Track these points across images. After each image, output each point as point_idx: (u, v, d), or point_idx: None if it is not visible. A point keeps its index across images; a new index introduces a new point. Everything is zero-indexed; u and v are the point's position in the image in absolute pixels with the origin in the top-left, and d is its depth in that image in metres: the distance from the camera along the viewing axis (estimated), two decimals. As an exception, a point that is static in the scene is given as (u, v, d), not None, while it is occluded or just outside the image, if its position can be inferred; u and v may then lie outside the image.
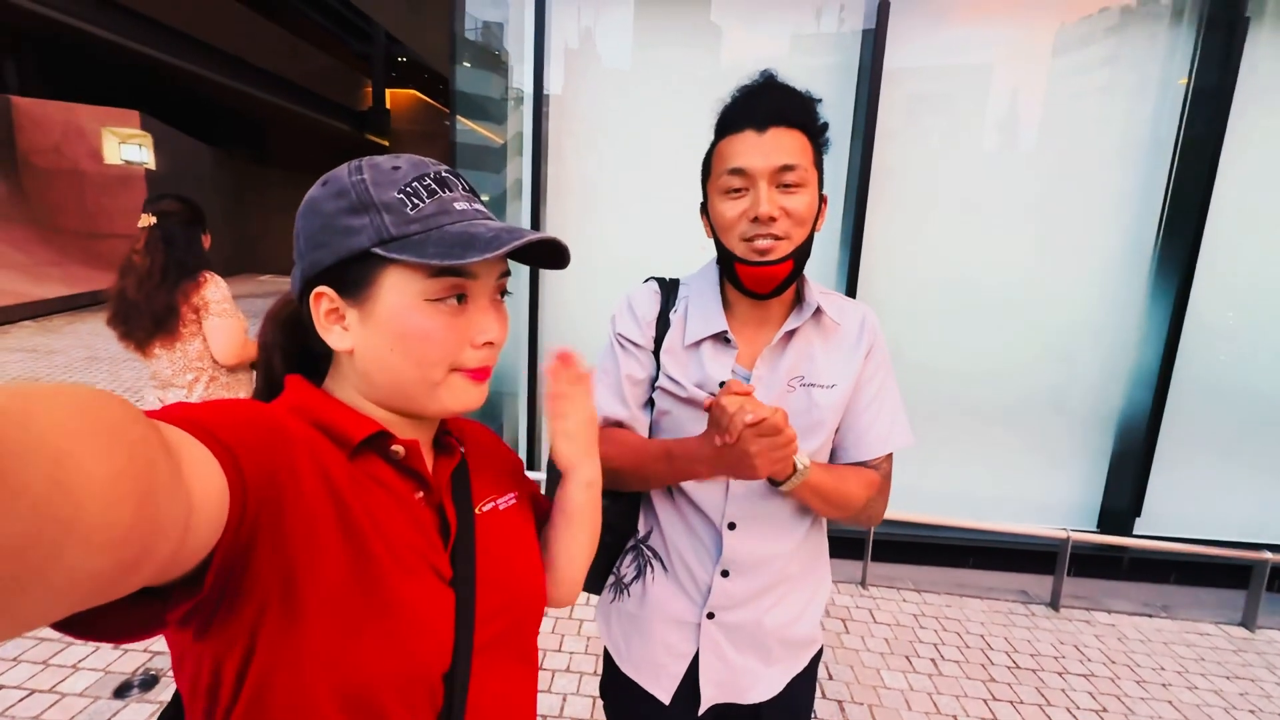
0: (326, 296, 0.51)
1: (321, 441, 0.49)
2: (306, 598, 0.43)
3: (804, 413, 0.87)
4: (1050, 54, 2.79)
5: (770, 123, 0.80)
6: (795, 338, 0.90)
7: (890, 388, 0.93)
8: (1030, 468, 3.06)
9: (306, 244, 0.51)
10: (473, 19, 3.24)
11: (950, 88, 2.87)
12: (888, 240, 2.91)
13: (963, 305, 2.96)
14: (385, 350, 0.51)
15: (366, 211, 0.49)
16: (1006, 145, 2.91)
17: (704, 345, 0.90)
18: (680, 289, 0.96)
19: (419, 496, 0.55)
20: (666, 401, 0.92)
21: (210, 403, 0.43)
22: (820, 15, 2.89)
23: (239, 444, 0.40)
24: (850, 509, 0.87)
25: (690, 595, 0.93)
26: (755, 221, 0.80)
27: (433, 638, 0.50)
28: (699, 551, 0.92)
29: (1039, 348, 2.96)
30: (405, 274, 0.50)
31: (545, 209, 3.04)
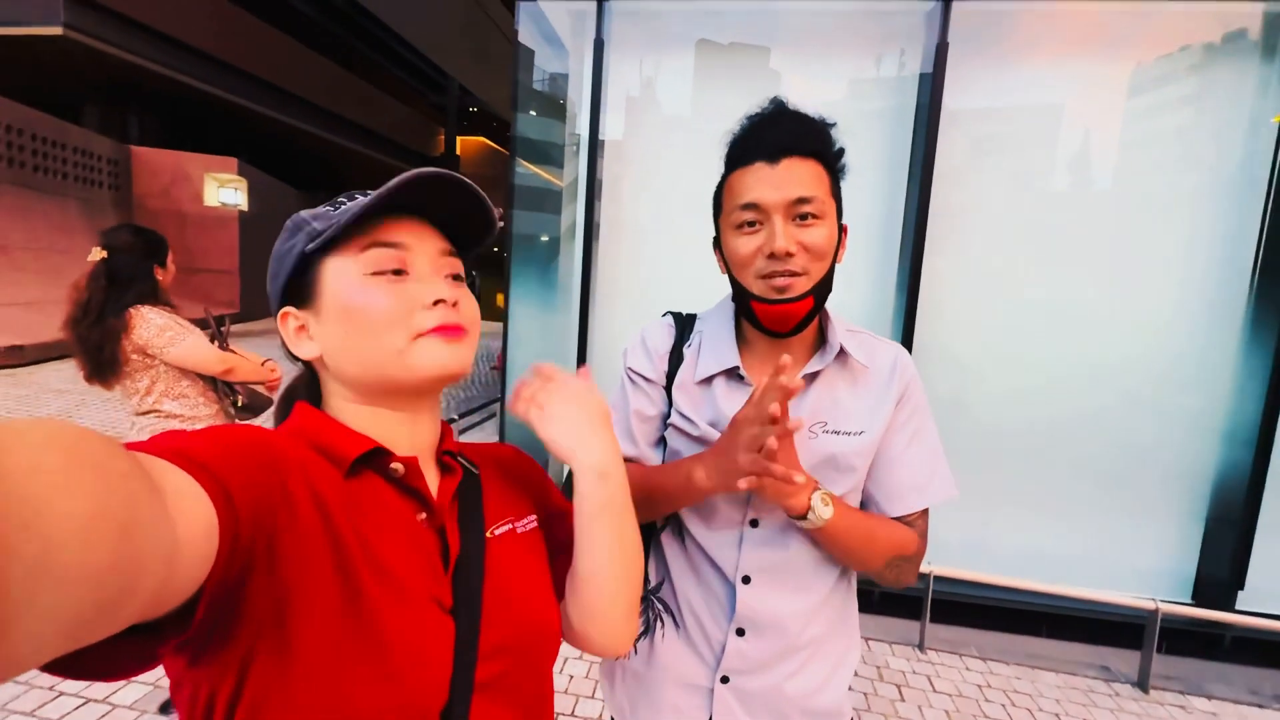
0: (291, 315, 0.55)
1: (318, 464, 0.49)
2: (298, 629, 0.42)
3: (827, 462, 0.81)
4: (1127, 93, 2.70)
5: (783, 153, 0.76)
6: (818, 381, 0.83)
7: (927, 435, 0.85)
8: (1113, 529, 2.81)
9: (270, 283, 0.57)
10: (540, 70, 3.41)
11: (1020, 129, 2.80)
12: (950, 285, 2.81)
13: (1034, 353, 2.80)
14: (341, 336, 0.53)
15: (300, 229, 0.54)
16: (1081, 186, 2.79)
17: (716, 382, 0.85)
18: (696, 324, 0.93)
19: (421, 519, 0.53)
20: (678, 441, 0.87)
21: (203, 431, 0.42)
22: (880, 60, 2.90)
23: (230, 474, 0.39)
24: (877, 561, 0.80)
25: (702, 655, 0.86)
26: (771, 258, 0.76)
27: (428, 670, 0.48)
28: (712, 607, 0.85)
29: (1121, 399, 2.76)
30: (339, 261, 0.52)
31: (598, 248, 3.10)
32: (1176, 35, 2.64)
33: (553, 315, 3.36)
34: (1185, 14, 2.61)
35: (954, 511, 2.89)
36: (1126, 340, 2.73)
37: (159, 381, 1.77)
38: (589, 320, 3.10)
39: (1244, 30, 2.59)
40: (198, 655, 0.41)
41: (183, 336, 1.76)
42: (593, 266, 3.09)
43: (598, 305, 3.14)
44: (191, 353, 1.76)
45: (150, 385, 1.76)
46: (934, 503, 0.83)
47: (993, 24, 2.72)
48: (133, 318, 1.72)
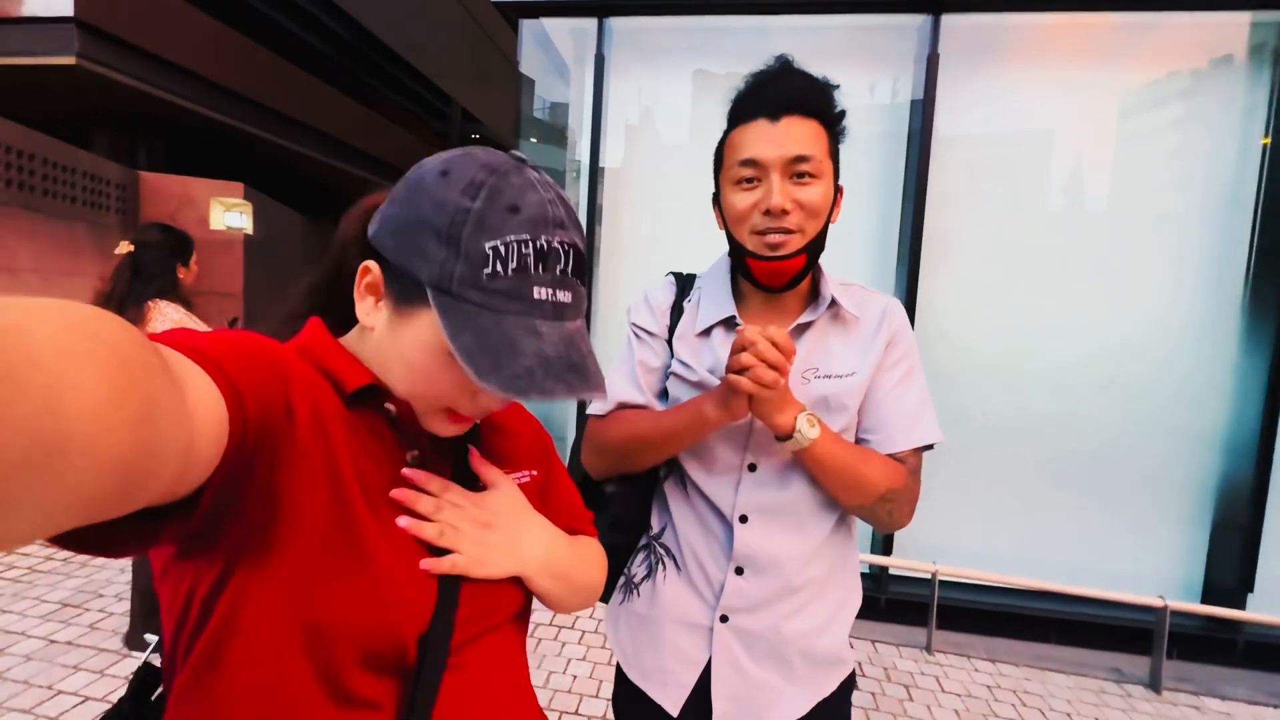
0: (373, 275, 0.50)
1: (323, 385, 0.50)
2: (287, 531, 0.43)
3: (819, 402, 0.84)
4: (1118, 116, 2.78)
5: (784, 111, 0.77)
6: (810, 331, 0.87)
7: (916, 380, 0.88)
8: (1119, 540, 2.81)
9: (392, 222, 0.49)
10: (540, 99, 3.50)
11: (1013, 152, 2.87)
12: (950, 301, 2.86)
13: (1037, 370, 2.83)
14: (396, 359, 0.51)
15: (447, 247, 0.46)
16: (1075, 207, 2.86)
17: (715, 332, 0.89)
18: (696, 281, 0.96)
19: (411, 455, 0.54)
20: (679, 388, 0.90)
21: (217, 332, 0.42)
22: (874, 87, 2.96)
23: (242, 376, 0.39)
24: (868, 494, 0.80)
25: (703, 594, 0.88)
26: (767, 214, 0.78)
27: (411, 595, 0.49)
28: (712, 547, 0.88)
29: (1123, 413, 2.78)
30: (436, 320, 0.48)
31: (597, 273, 3.16)
32: (1165, 60, 2.72)
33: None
34: (1173, 39, 2.69)
35: (962, 523, 2.89)
36: (1128, 356, 2.77)
37: None
38: (591, 336, 3.14)
39: (1230, 55, 2.67)
40: (189, 546, 0.42)
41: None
42: (593, 291, 3.14)
43: (598, 329, 3.18)
44: None
45: None
46: (921, 443, 0.85)
47: (986, 49, 2.80)
48: (150, 310, 1.78)
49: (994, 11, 2.74)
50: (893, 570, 2.78)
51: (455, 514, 0.53)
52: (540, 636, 2.32)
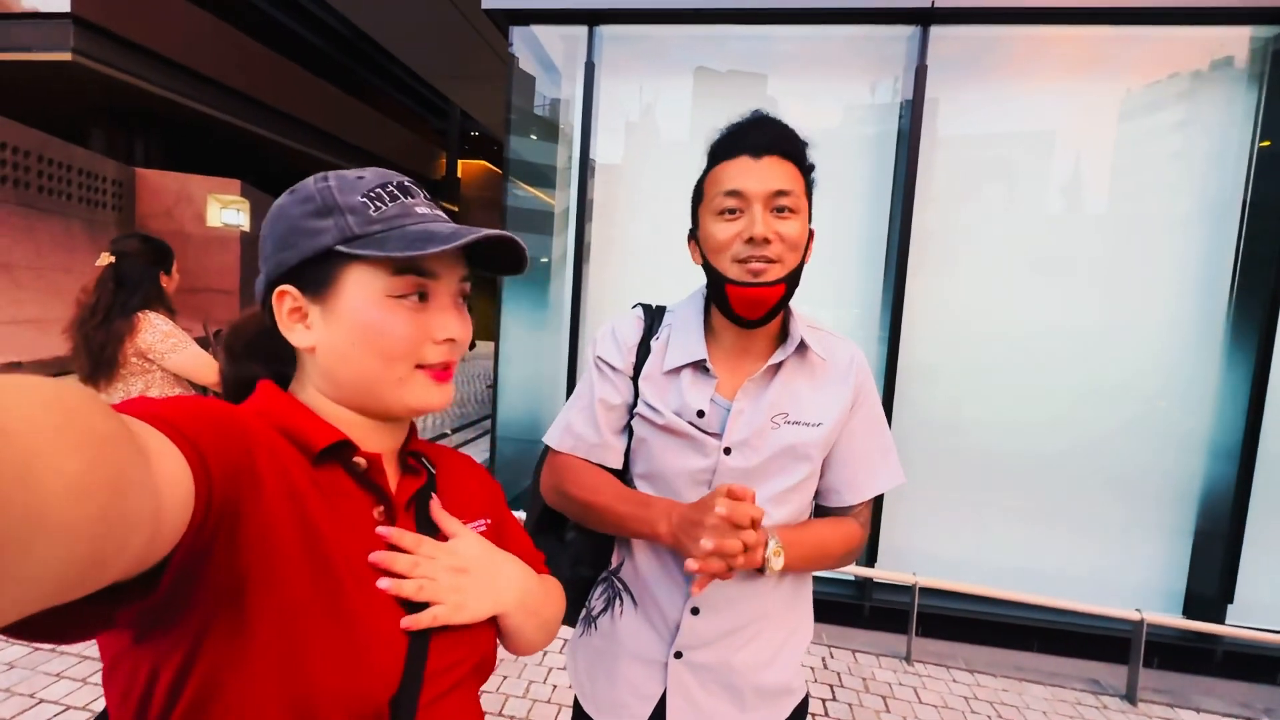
0: (290, 295, 0.52)
1: (286, 447, 0.49)
2: (259, 605, 0.42)
3: (787, 450, 0.85)
4: (1117, 119, 2.78)
5: (764, 151, 0.81)
6: (780, 373, 0.88)
7: (880, 428, 0.92)
8: (1102, 546, 2.83)
9: (273, 247, 0.53)
10: (536, 94, 3.50)
11: (1010, 154, 2.88)
12: (936, 305, 2.87)
13: (1022, 371, 2.84)
14: (347, 346, 0.52)
15: (331, 214, 0.51)
16: (1070, 209, 2.87)
17: (684, 373, 0.89)
18: (665, 316, 0.96)
19: (378, 511, 0.54)
20: (644, 429, 0.90)
21: (177, 399, 0.42)
22: (875, 87, 2.98)
23: (206, 443, 0.39)
24: (828, 567, 0.89)
25: (659, 632, 0.89)
26: (750, 243, 0.80)
27: (385, 657, 0.49)
28: (669, 587, 0.89)
29: (1107, 417, 2.80)
30: (368, 271, 0.51)
31: (588, 270, 3.16)
32: (1166, 63, 2.72)
33: (544, 335, 3.40)
34: (1173, 42, 2.70)
35: (944, 528, 2.91)
36: (1112, 359, 2.78)
37: (153, 387, 1.84)
38: (579, 340, 3.15)
39: (1231, 58, 2.68)
40: (150, 628, 0.40)
41: (184, 344, 1.84)
42: (583, 287, 3.15)
43: (587, 325, 3.18)
44: (190, 361, 1.84)
45: (145, 389, 1.83)
46: (883, 490, 0.91)
47: (986, 51, 2.81)
48: (140, 321, 1.80)
49: (980, 24, 2.75)
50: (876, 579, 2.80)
51: (430, 566, 0.54)
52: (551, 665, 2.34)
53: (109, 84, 7.95)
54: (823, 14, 2.85)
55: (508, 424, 3.46)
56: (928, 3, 2.71)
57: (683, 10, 2.91)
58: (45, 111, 8.47)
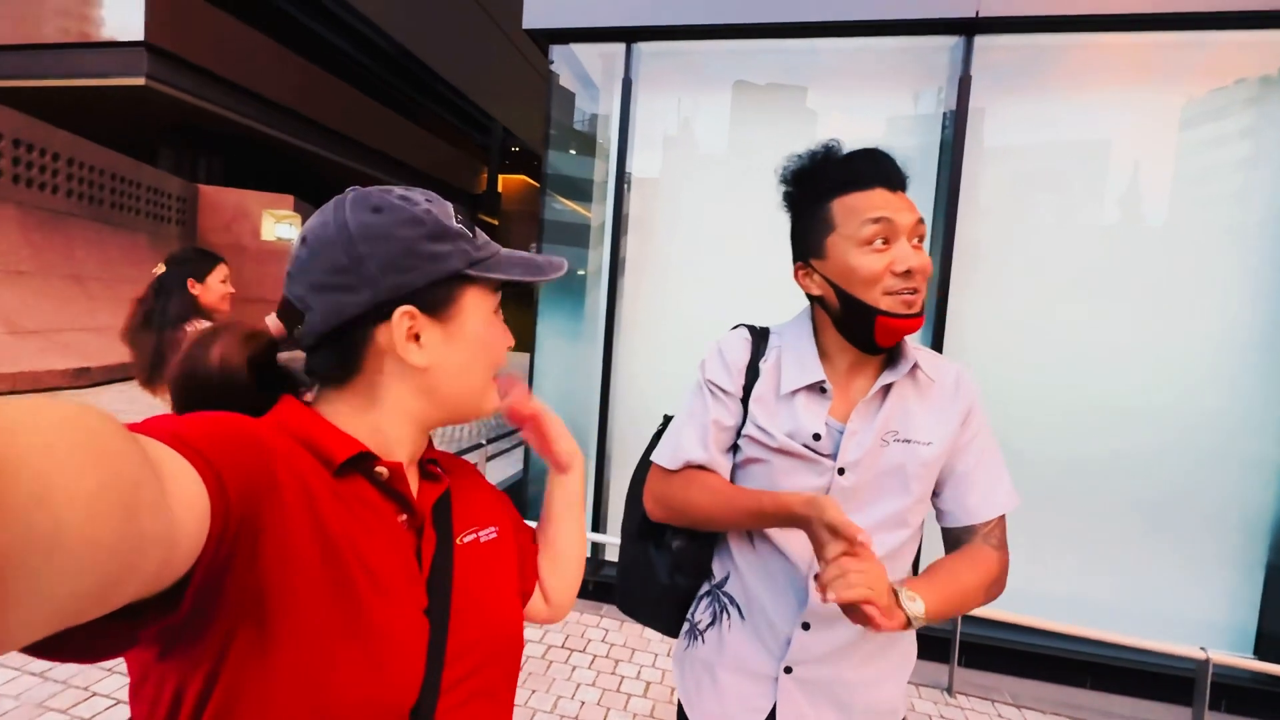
0: (409, 315, 0.53)
1: (306, 459, 0.49)
2: (280, 618, 0.42)
3: (897, 470, 0.85)
4: (1176, 128, 2.66)
5: (898, 185, 0.84)
6: (891, 393, 0.87)
7: (991, 449, 0.90)
8: (1164, 578, 2.66)
9: (382, 268, 0.52)
10: (580, 111, 3.56)
11: (1063, 165, 2.77)
12: (985, 321, 2.78)
13: (1077, 389, 2.71)
14: (469, 361, 0.57)
15: (448, 239, 0.55)
16: (1127, 222, 2.74)
17: (798, 395, 0.89)
18: (771, 338, 0.96)
19: (401, 520, 0.55)
20: (755, 449, 0.90)
21: (194, 416, 0.42)
22: (918, 99, 2.92)
23: (222, 459, 0.39)
24: (975, 603, 0.83)
25: (768, 646, 0.89)
26: (904, 275, 0.81)
27: (406, 666, 0.49)
28: (780, 602, 0.88)
29: (1172, 439, 2.63)
30: (481, 293, 0.58)
31: (623, 283, 3.18)
32: (1231, 68, 2.60)
33: (578, 346, 3.42)
34: (1239, 46, 2.57)
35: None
36: (1175, 378, 2.63)
37: None
38: (613, 354, 3.16)
39: None
40: (173, 644, 0.41)
41: None
42: (618, 301, 3.16)
43: (621, 337, 3.19)
44: None
45: None
46: (1002, 511, 0.87)
47: (1037, 61, 2.73)
48: (187, 329, 1.86)
49: (1027, 33, 2.68)
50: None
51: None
52: (551, 659, 2.33)
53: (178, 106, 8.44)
54: (863, 26, 2.82)
55: (541, 435, 3.48)
56: (971, 12, 2.65)
57: (718, 26, 2.92)
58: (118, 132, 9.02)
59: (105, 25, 7.66)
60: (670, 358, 3.08)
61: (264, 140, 10.30)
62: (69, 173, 6.50)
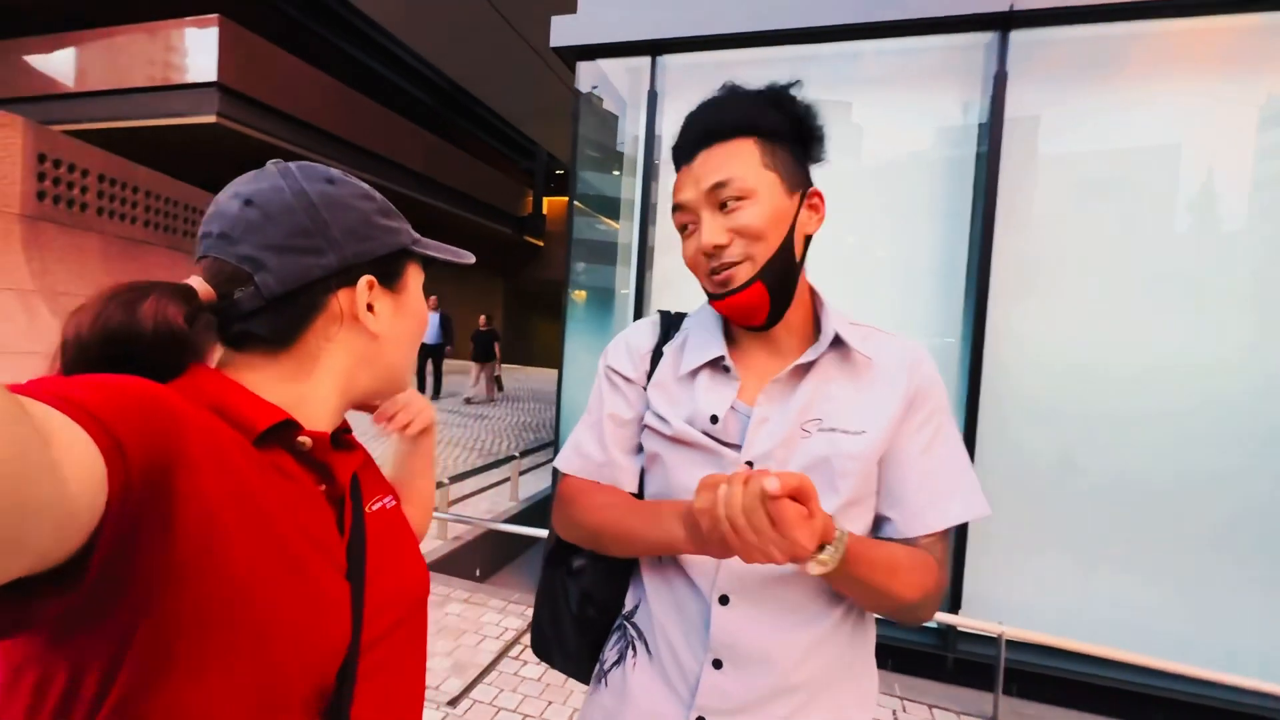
0: (370, 283, 0.56)
1: (220, 427, 0.46)
2: (205, 589, 0.40)
3: (821, 464, 0.70)
4: (1257, 128, 2.49)
5: (695, 149, 0.73)
6: (812, 373, 0.74)
7: (948, 443, 0.74)
8: (1237, 604, 2.43)
9: (343, 233, 0.53)
10: (610, 129, 3.62)
11: (1123, 168, 2.65)
12: (1036, 332, 2.65)
13: (1135, 404, 2.55)
14: (412, 333, 0.61)
15: (394, 217, 0.59)
16: (1199, 227, 2.58)
17: (700, 376, 0.77)
18: (685, 322, 0.86)
19: (321, 490, 0.54)
20: (653, 442, 0.79)
21: (86, 378, 0.39)
22: (966, 108, 2.84)
23: (121, 424, 0.36)
24: (894, 606, 0.68)
25: (676, 689, 0.74)
26: (708, 255, 0.72)
27: (339, 623, 0.49)
28: (686, 632, 0.74)
29: (1248, 457, 2.44)
30: (416, 270, 0.62)
31: (651, 296, 3.18)
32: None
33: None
34: None
35: (1045, 575, 2.61)
36: (1246, 391, 2.44)
37: None
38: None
39: None
40: (70, 628, 0.37)
41: None
42: (644, 313, 3.17)
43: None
44: None
45: None
46: (957, 521, 0.72)
47: (1091, 54, 2.61)
48: None
49: (1066, 24, 2.57)
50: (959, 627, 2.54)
51: None
52: (548, 681, 2.29)
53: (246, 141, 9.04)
54: (891, 27, 2.77)
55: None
56: (1005, 6, 2.56)
57: (740, 35, 2.93)
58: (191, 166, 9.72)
59: (184, 69, 8.31)
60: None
61: (322, 170, 10.88)
62: (147, 204, 7.06)
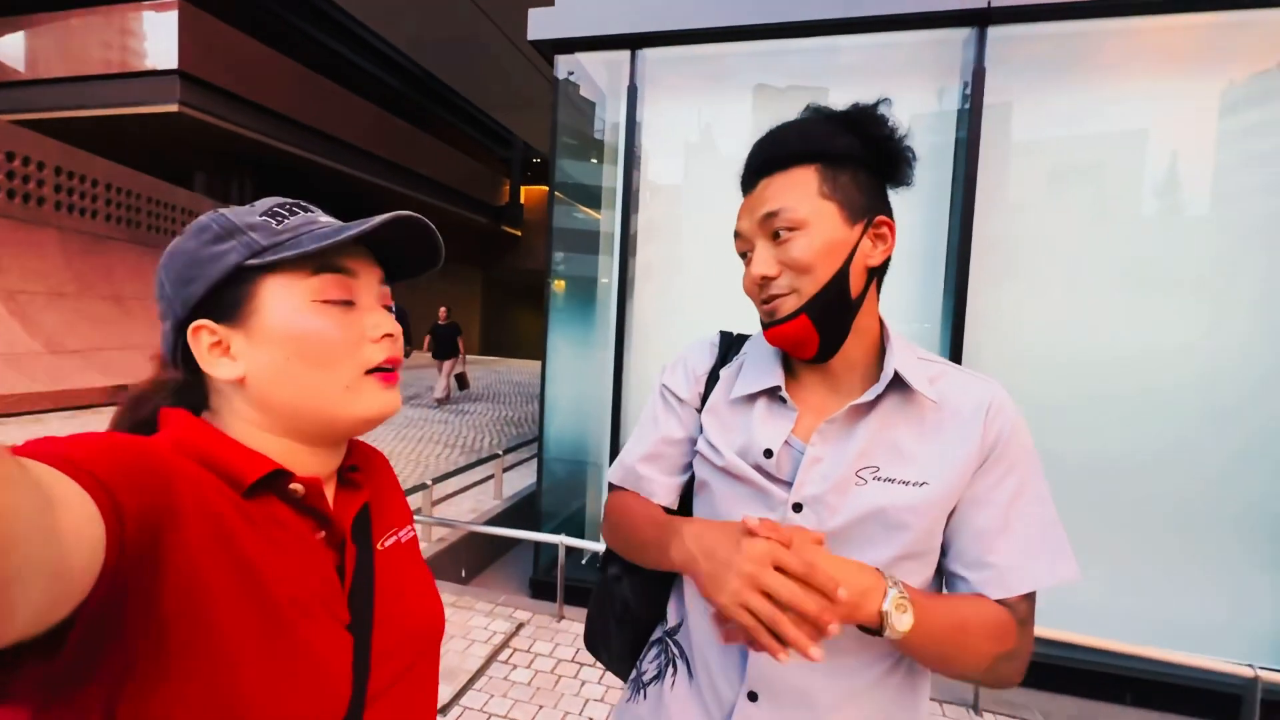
0: (206, 329, 0.49)
1: (210, 481, 0.46)
2: (185, 650, 0.39)
3: (873, 517, 0.65)
4: (1217, 114, 2.54)
5: (754, 179, 0.72)
6: (872, 415, 0.68)
7: (1034, 498, 0.67)
8: (1207, 585, 2.52)
9: (173, 286, 0.50)
10: (588, 120, 3.57)
11: (1095, 157, 2.68)
12: (1008, 320, 2.69)
13: (1112, 392, 2.60)
14: (282, 362, 0.49)
15: (233, 235, 0.50)
16: (1166, 214, 2.63)
17: (757, 405, 0.73)
18: (745, 345, 0.83)
19: (319, 537, 0.52)
20: (704, 470, 0.76)
21: (84, 436, 0.39)
22: (939, 94, 2.85)
23: (119, 484, 0.36)
24: (970, 668, 0.62)
25: (710, 713, 0.72)
26: (761, 285, 0.70)
27: (332, 686, 0.47)
28: (724, 661, 0.71)
29: (1217, 440, 2.50)
30: (286, 280, 0.50)
31: (634, 289, 3.16)
32: (1274, 49, 2.47)
33: (591, 353, 3.42)
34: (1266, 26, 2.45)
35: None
36: (1218, 379, 2.50)
37: None
38: (624, 361, 3.14)
39: None
40: (50, 698, 0.35)
41: None
42: (628, 306, 3.15)
43: (633, 344, 3.18)
44: None
45: None
46: (1046, 585, 0.65)
47: (1063, 49, 2.64)
48: None
49: (1041, 21, 2.59)
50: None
51: None
52: (560, 674, 2.30)
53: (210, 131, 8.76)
54: (872, 22, 2.77)
55: (555, 444, 3.48)
56: (984, 3, 2.58)
57: (720, 29, 2.90)
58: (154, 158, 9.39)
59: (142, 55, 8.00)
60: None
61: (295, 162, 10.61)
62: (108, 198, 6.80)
